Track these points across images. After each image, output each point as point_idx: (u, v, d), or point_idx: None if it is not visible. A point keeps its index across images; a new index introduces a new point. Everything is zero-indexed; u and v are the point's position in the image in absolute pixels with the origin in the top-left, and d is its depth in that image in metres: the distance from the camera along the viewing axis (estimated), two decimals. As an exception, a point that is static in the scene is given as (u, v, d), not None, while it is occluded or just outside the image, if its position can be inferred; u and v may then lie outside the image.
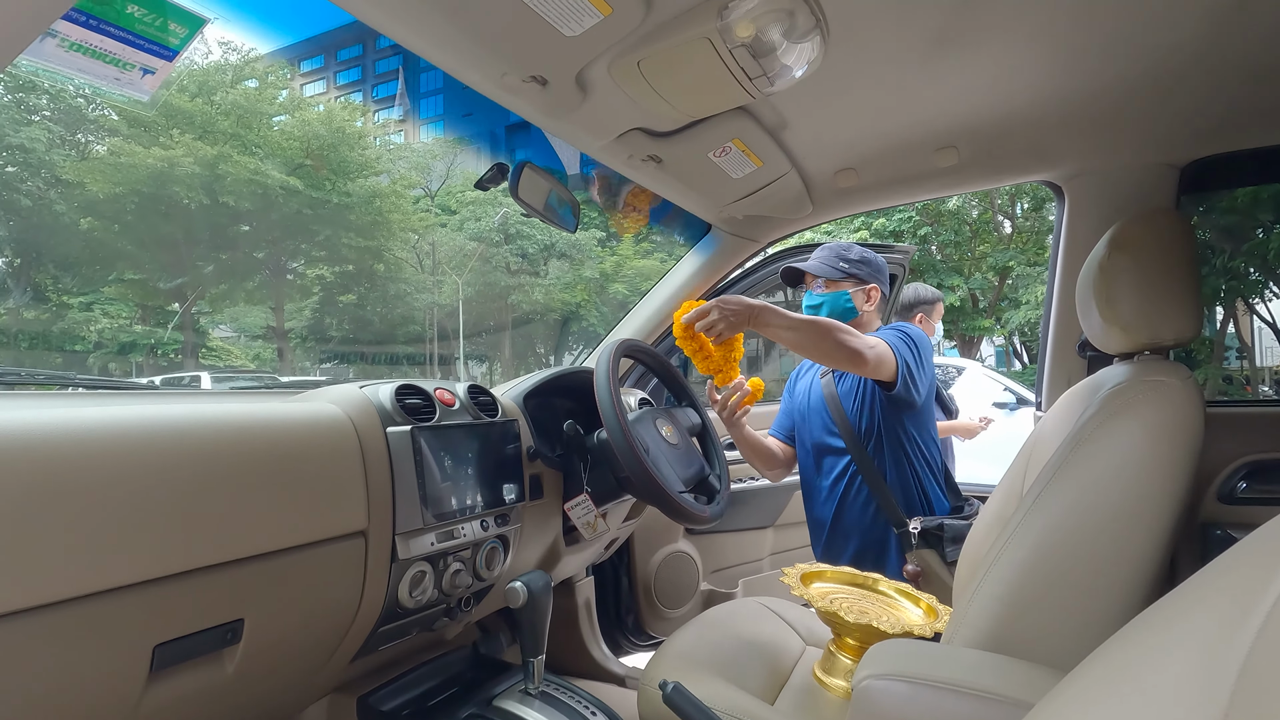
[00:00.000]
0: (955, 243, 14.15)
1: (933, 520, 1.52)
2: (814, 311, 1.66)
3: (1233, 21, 0.97)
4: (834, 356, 1.40)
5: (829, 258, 1.67)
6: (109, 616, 0.65)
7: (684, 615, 2.02)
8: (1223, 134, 1.31)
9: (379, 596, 0.93)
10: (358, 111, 17.60)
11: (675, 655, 1.19)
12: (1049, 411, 1.17)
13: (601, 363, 1.20)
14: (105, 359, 12.56)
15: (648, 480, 1.15)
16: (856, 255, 1.66)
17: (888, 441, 1.56)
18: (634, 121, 1.20)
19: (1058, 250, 1.57)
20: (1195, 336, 0.91)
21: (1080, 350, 1.51)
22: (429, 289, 17.02)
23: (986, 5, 0.94)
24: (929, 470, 1.58)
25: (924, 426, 1.58)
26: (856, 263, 1.65)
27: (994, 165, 1.48)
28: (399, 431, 0.96)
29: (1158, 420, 0.83)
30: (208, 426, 0.75)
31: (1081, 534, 0.82)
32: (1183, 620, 0.38)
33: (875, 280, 1.66)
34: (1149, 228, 0.93)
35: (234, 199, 13.03)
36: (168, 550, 0.68)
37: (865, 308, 1.66)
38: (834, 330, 1.38)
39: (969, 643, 0.85)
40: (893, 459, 1.56)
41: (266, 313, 15.61)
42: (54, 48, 0.57)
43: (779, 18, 0.89)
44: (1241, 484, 1.23)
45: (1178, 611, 0.40)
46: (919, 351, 1.50)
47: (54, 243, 12.17)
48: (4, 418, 0.61)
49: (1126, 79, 1.13)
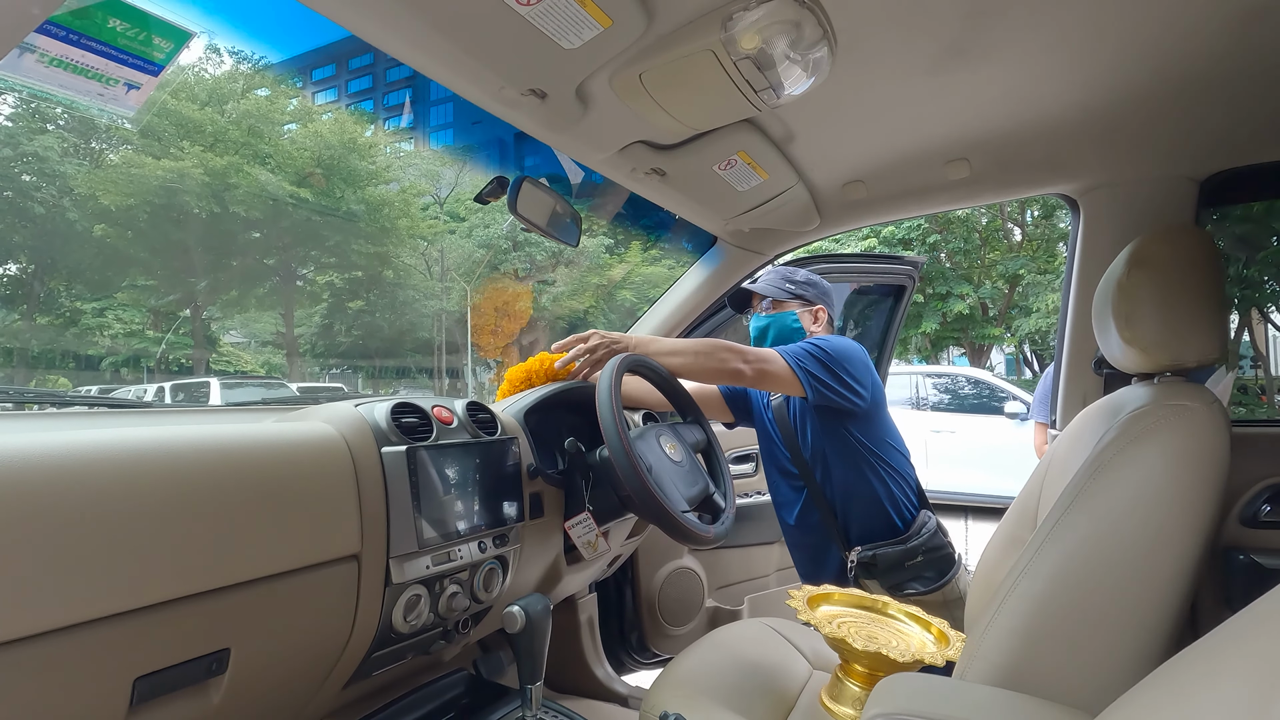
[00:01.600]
0: (965, 250, 14.06)
1: (868, 552, 1.52)
2: (760, 332, 1.68)
3: (1252, 31, 0.94)
4: (717, 375, 1.42)
5: (775, 279, 1.68)
6: (86, 650, 0.63)
7: (689, 633, 1.99)
8: (1244, 146, 1.28)
9: (372, 622, 0.91)
10: (367, 120, 17.73)
11: (678, 681, 1.16)
12: (1065, 431, 1.14)
13: (604, 378, 1.17)
14: (117, 364, 12.67)
15: (650, 499, 1.12)
16: (802, 277, 1.67)
17: (840, 455, 1.54)
18: (637, 134, 1.17)
19: (1072, 265, 1.53)
20: (1220, 359, 0.88)
21: (1096, 368, 1.47)
22: (437, 295, 17.08)
23: (999, 16, 0.91)
24: (894, 477, 1.56)
25: (878, 433, 1.55)
26: (803, 284, 1.66)
27: (1007, 178, 1.45)
28: (394, 451, 0.94)
29: (1181, 447, 0.79)
30: (193, 449, 0.73)
31: (1100, 567, 0.78)
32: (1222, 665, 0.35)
33: (822, 301, 1.67)
34: (1171, 245, 0.90)
35: (245, 207, 13.12)
36: (150, 579, 0.66)
37: (812, 328, 1.65)
38: (716, 350, 1.40)
39: (983, 678, 0.81)
40: (851, 473, 1.54)
41: (276, 319, 15.69)
42: (33, 63, 0.55)
43: (785, 29, 0.87)
44: (1265, 507, 1.19)
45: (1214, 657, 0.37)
46: (833, 358, 1.47)
47: (67, 249, 12.29)
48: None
49: (1144, 90, 1.10)
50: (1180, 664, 0.44)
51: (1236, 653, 0.35)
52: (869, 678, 1.07)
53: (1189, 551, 0.76)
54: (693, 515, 1.28)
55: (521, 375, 1.47)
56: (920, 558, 1.52)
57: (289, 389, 12.16)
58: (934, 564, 1.52)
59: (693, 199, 1.48)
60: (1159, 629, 0.75)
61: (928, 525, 1.55)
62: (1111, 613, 0.77)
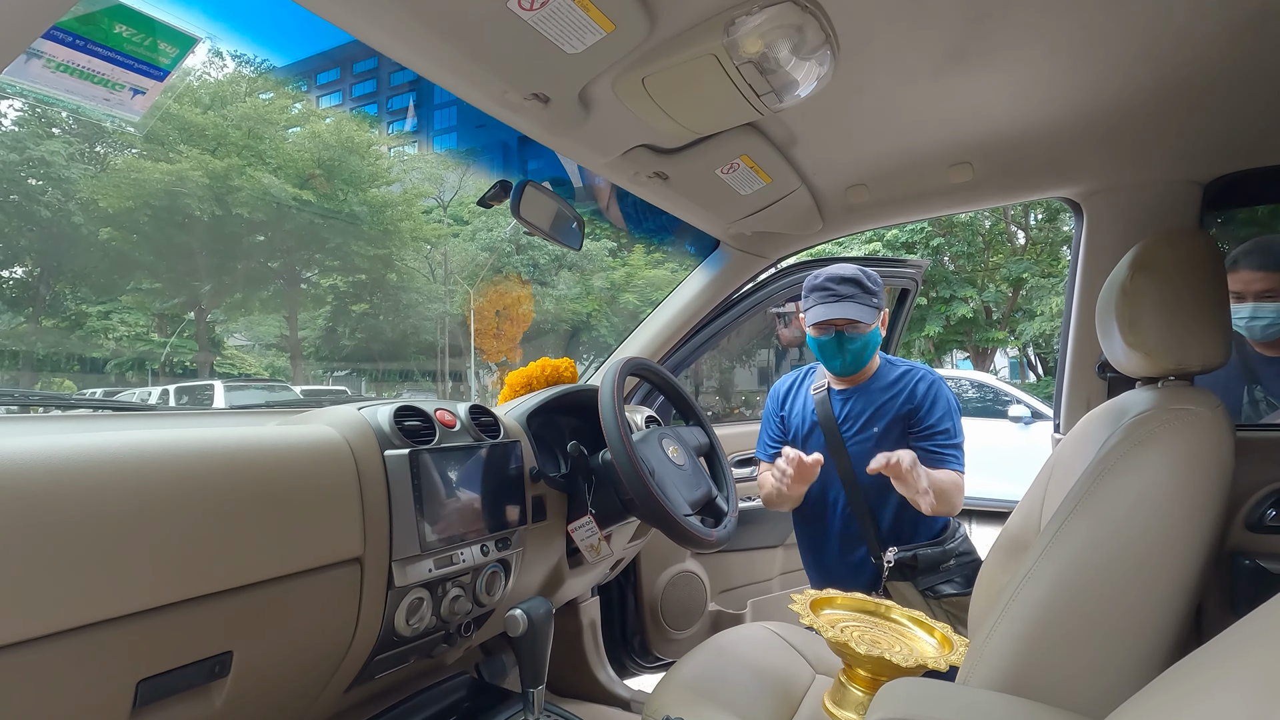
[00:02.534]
0: (968, 254, 14.05)
1: (907, 551, 1.51)
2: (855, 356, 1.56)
3: (1257, 34, 0.94)
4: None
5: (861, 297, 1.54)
6: (90, 652, 0.63)
7: (691, 636, 1.99)
8: (1249, 150, 1.27)
9: (374, 625, 0.91)
10: (370, 123, 17.78)
11: (680, 685, 1.16)
12: (1069, 435, 1.13)
13: (607, 382, 1.18)
14: (122, 367, 12.72)
15: (652, 503, 1.12)
16: (876, 286, 1.57)
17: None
18: (639, 138, 1.18)
19: (1076, 268, 1.53)
20: (1224, 363, 0.87)
21: (1100, 372, 1.47)
22: (440, 299, 17.12)
23: (1000, 20, 0.91)
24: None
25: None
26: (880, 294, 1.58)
27: (1010, 181, 1.45)
28: (397, 455, 0.94)
29: (1186, 452, 0.79)
30: (197, 452, 0.73)
31: (1105, 572, 0.78)
32: (1227, 670, 0.35)
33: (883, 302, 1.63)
34: (1174, 248, 0.90)
35: (248, 210, 13.18)
36: (153, 582, 0.66)
37: (881, 331, 1.61)
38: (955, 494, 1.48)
39: (986, 683, 0.81)
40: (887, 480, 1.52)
41: (280, 321, 15.74)
42: (40, 68, 0.55)
43: (787, 34, 0.87)
44: (1271, 511, 1.18)
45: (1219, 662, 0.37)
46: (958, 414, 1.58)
47: (73, 253, 12.37)
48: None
49: (1148, 93, 1.10)
50: (1183, 671, 0.43)
51: (1239, 661, 0.35)
52: (872, 682, 1.07)
53: (1193, 556, 0.76)
54: (695, 519, 1.28)
55: (522, 380, 1.47)
56: (953, 561, 1.53)
57: (292, 392, 12.20)
58: (963, 568, 1.53)
59: (695, 202, 1.48)
60: (1163, 634, 0.75)
61: (961, 529, 1.56)
62: (1115, 618, 0.76)
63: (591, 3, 0.78)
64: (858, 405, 1.60)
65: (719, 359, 10.32)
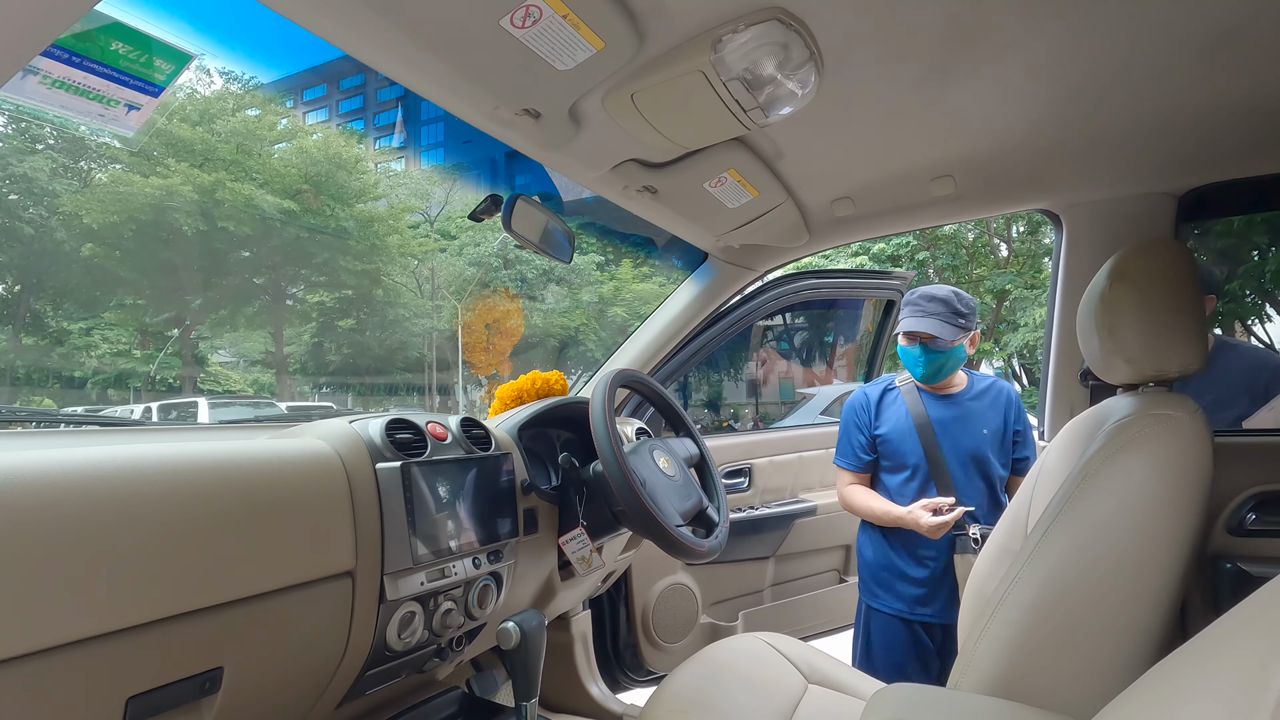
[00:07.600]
0: (953, 266, 14.21)
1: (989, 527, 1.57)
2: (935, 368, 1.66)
3: (1224, 55, 0.97)
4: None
5: (944, 314, 1.63)
6: (79, 669, 0.62)
7: (683, 649, 1.98)
8: (1219, 163, 1.31)
9: (366, 639, 0.90)
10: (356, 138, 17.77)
11: (673, 698, 1.16)
12: (1053, 442, 1.15)
13: (597, 394, 1.18)
14: (104, 383, 12.53)
15: (644, 514, 1.12)
16: (967, 308, 1.65)
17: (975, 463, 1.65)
18: (629, 153, 1.19)
19: (1057, 279, 1.56)
20: (1201, 369, 0.90)
21: (1083, 379, 1.50)
22: (428, 314, 17.06)
23: (981, 37, 0.94)
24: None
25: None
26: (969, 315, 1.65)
27: (991, 194, 1.48)
28: (388, 468, 0.94)
29: (1165, 455, 0.81)
30: (187, 465, 0.73)
31: (1090, 575, 0.79)
32: (1207, 668, 0.36)
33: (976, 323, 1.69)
34: (1150, 258, 0.92)
35: (233, 224, 13.10)
36: (142, 597, 0.66)
37: (970, 351, 1.70)
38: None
39: (977, 687, 0.82)
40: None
41: (266, 338, 15.60)
42: (36, 85, 0.56)
43: (772, 51, 0.89)
44: (1250, 515, 1.21)
45: (1200, 660, 0.38)
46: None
47: (55, 269, 12.22)
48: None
49: (1123, 109, 1.13)
50: (1167, 668, 0.44)
51: (1222, 655, 0.36)
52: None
53: (1175, 556, 0.77)
54: (687, 529, 1.28)
55: (513, 394, 1.47)
56: None
57: (278, 408, 12.04)
58: None
59: (684, 216, 1.49)
60: (1148, 634, 0.76)
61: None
62: (1101, 619, 0.78)
63: (582, 21, 0.80)
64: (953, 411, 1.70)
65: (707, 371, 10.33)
